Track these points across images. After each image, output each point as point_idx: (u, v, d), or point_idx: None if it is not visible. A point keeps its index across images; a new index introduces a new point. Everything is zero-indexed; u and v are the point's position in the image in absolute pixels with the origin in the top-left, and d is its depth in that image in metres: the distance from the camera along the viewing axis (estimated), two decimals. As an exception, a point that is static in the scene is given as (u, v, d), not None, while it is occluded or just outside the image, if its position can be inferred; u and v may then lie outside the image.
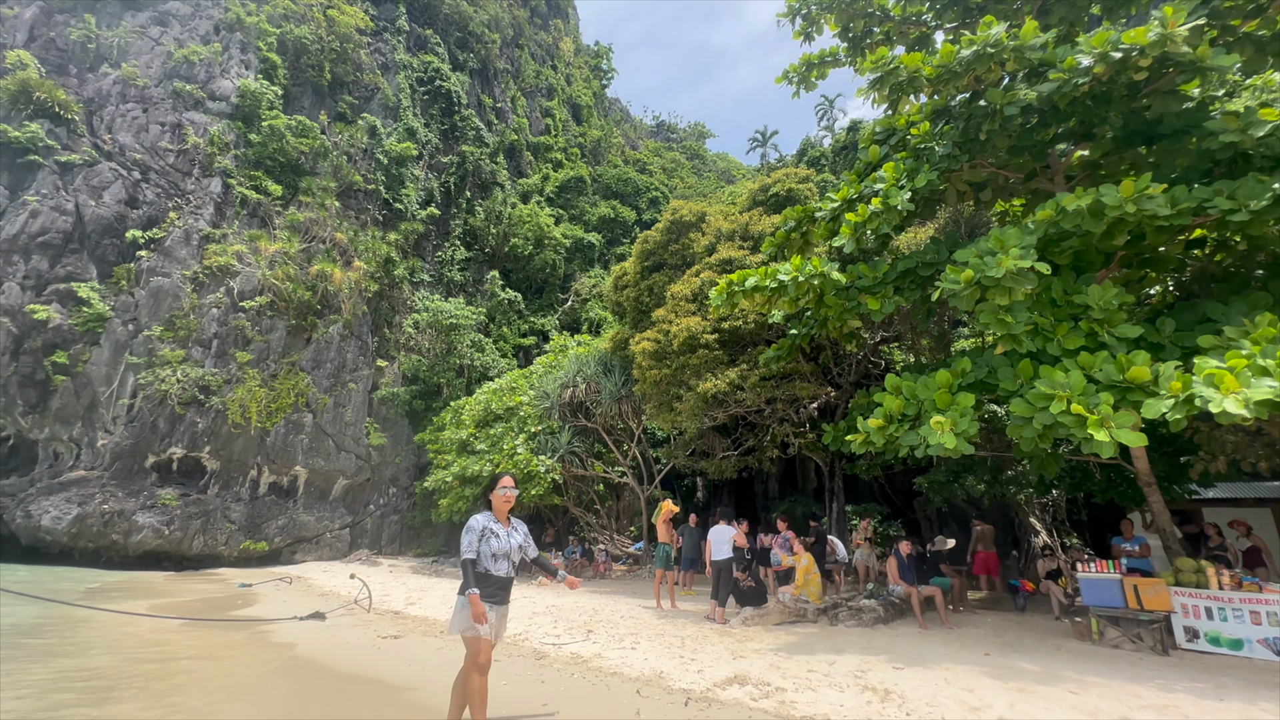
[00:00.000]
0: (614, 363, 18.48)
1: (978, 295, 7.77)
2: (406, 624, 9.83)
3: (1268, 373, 5.91)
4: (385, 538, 26.86)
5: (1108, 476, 11.31)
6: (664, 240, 17.57)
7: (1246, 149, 7.80)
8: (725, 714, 4.98)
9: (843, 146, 32.01)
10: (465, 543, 4.17)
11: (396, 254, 30.51)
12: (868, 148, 10.89)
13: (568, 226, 40.18)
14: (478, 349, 30.14)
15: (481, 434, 20.48)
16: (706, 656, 6.90)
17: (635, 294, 17.62)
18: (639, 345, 14.90)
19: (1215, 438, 9.55)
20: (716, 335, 13.37)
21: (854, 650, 7.11)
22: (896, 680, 5.76)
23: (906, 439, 8.26)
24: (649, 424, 18.61)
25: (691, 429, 14.66)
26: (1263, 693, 5.44)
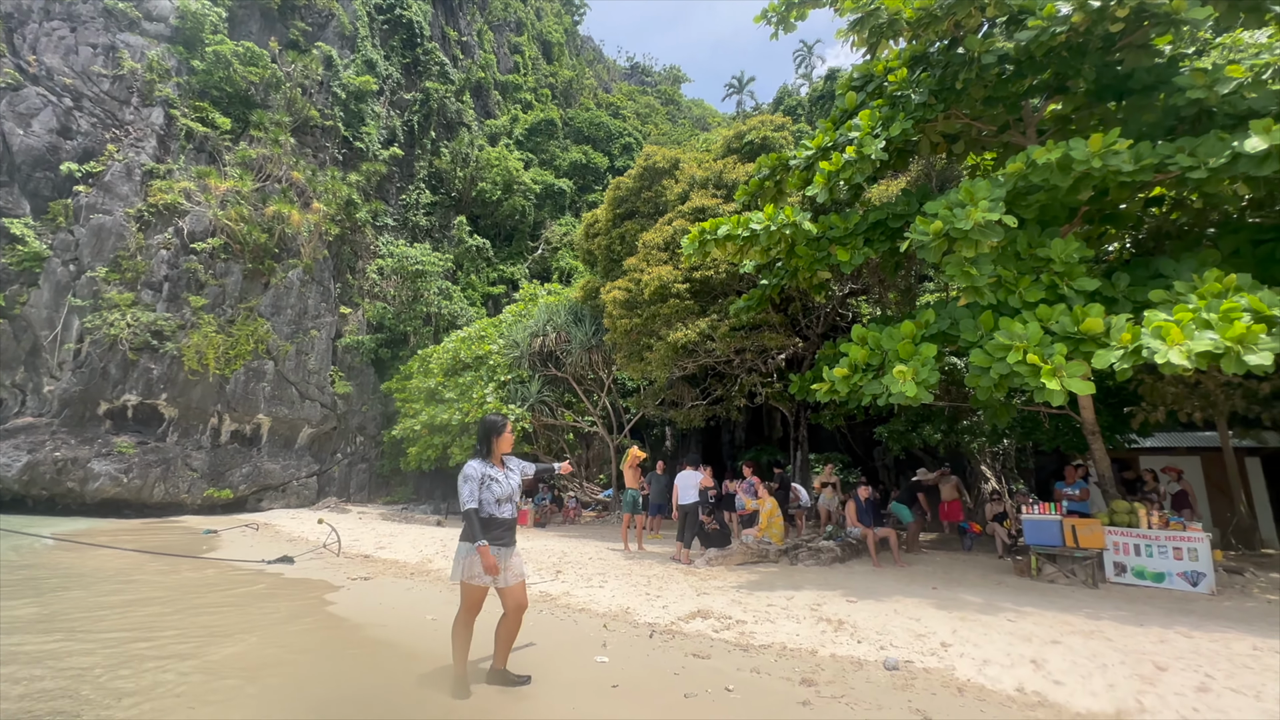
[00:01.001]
0: (584, 312, 18.34)
1: (945, 247, 7.86)
2: (376, 566, 9.93)
3: (1210, 326, 6.18)
4: (354, 486, 26.80)
5: (1055, 426, 11.87)
6: (636, 187, 17.19)
7: (1211, 106, 7.91)
8: (688, 645, 5.21)
9: (820, 96, 31.42)
10: (466, 492, 4.03)
11: (358, 196, 29.24)
12: (844, 94, 10.71)
13: (538, 171, 38.95)
14: (445, 297, 29.51)
15: (450, 383, 20.30)
16: (671, 594, 7.16)
17: (606, 242, 17.34)
18: (610, 294, 14.76)
19: (1157, 389, 10.05)
20: (688, 285, 13.31)
21: (811, 586, 7.47)
22: (850, 612, 6.09)
23: (870, 388, 8.47)
24: (619, 374, 18.69)
25: (661, 379, 14.77)
26: (1178, 618, 5.94)
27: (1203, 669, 4.38)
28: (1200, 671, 4.34)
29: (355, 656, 4.90)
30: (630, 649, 5.10)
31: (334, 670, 4.55)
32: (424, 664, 4.59)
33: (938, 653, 4.84)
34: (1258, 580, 7.89)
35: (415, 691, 4.03)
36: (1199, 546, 7.56)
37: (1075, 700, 3.92)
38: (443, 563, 10.08)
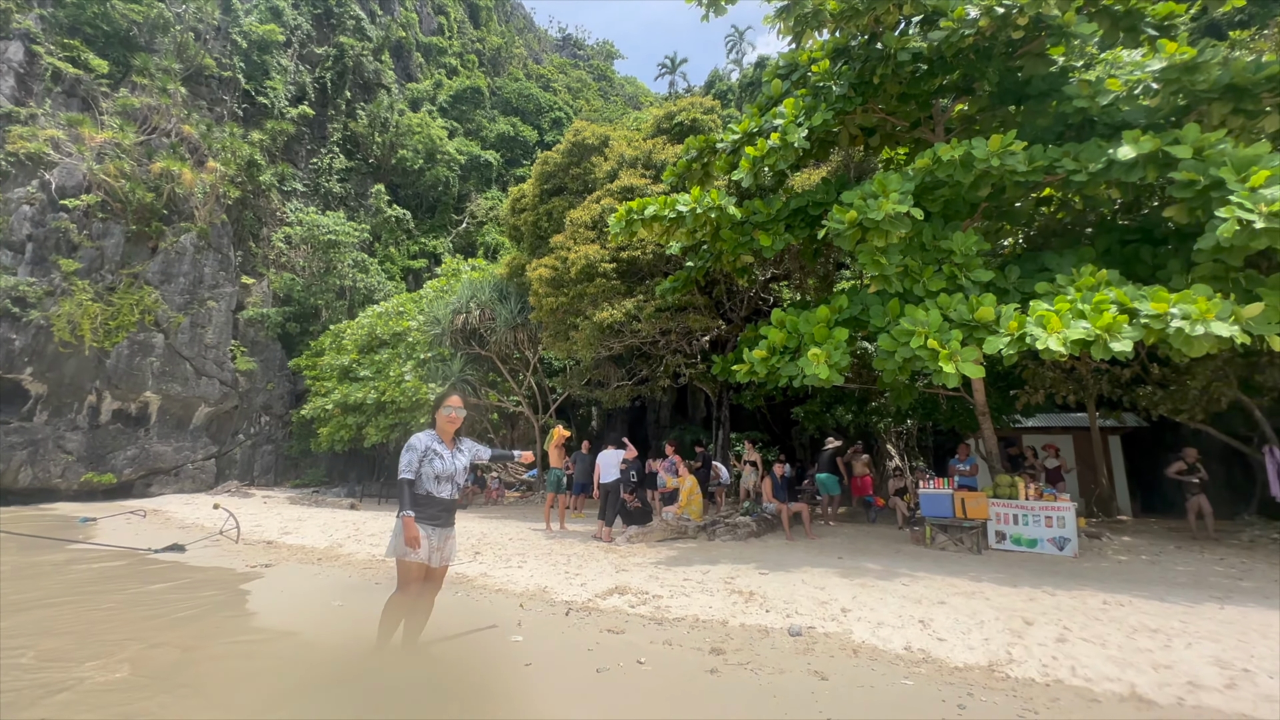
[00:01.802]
0: (510, 289, 17.90)
1: (859, 236, 8.22)
2: (280, 553, 9.39)
3: (1083, 316, 6.82)
4: (258, 468, 25.14)
5: (952, 407, 12.81)
6: (565, 163, 16.86)
7: (1094, 115, 8.64)
8: (604, 621, 5.27)
9: (750, 82, 31.86)
10: (404, 461, 3.90)
11: (262, 156, 26.98)
12: (770, 82, 10.89)
13: (463, 141, 37.38)
14: (361, 269, 27.93)
15: (365, 360, 19.33)
16: (590, 571, 7.21)
17: (534, 218, 16.95)
18: (536, 272, 14.48)
19: (1038, 374, 11.03)
20: (615, 265, 13.26)
21: (727, 560, 7.74)
22: (761, 584, 6.36)
23: (787, 369, 8.78)
24: (545, 353, 18.45)
25: (587, 358, 14.70)
26: (1046, 579, 6.61)
27: (1062, 622, 4.90)
28: (1060, 624, 4.85)
29: (246, 649, 4.61)
30: (546, 627, 5.09)
31: (214, 670, 4.25)
32: (321, 652, 4.39)
33: (838, 618, 5.14)
34: (1112, 544, 8.90)
35: (303, 680, 3.85)
36: (1066, 515, 8.42)
37: (955, 655, 4.29)
38: (354, 546, 9.67)
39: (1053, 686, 3.74)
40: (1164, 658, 4.18)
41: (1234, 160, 6.79)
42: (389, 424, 17.49)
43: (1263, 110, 7.59)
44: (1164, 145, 7.23)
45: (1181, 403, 10.07)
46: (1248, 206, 6.37)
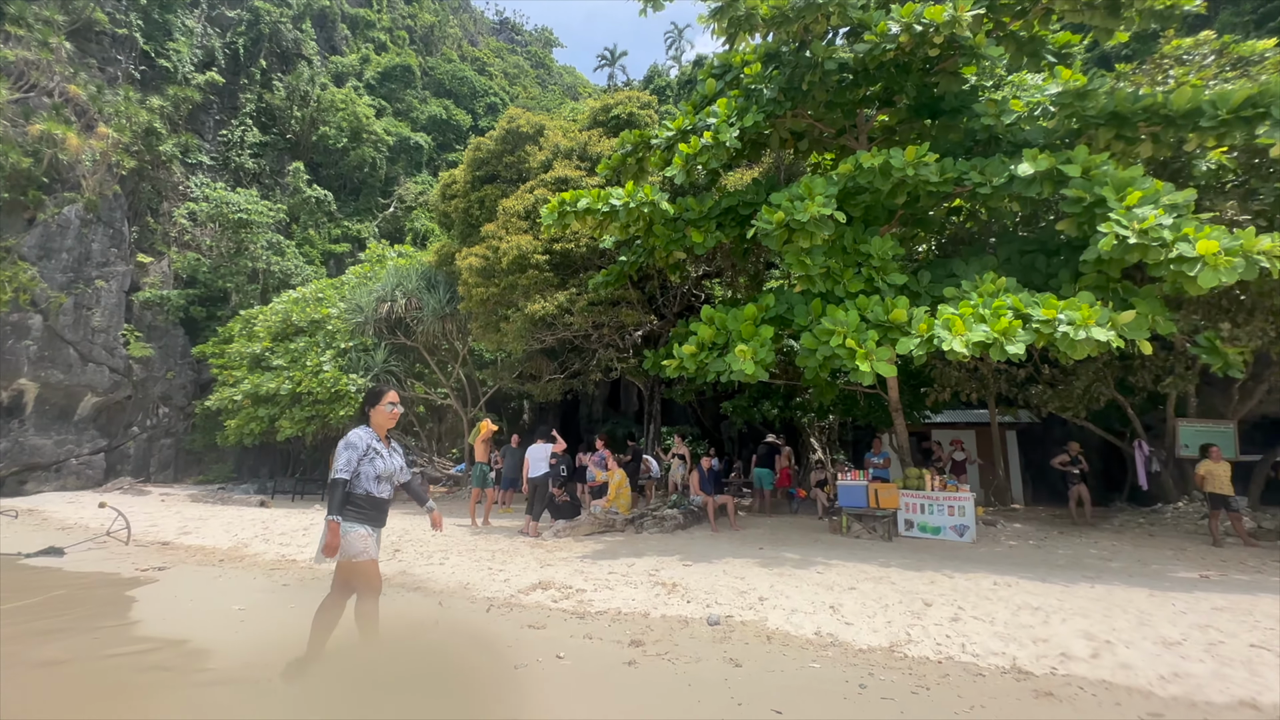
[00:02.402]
0: (439, 278, 17.32)
1: (786, 236, 8.47)
2: (176, 554, 8.71)
3: (984, 320, 7.34)
4: (155, 464, 23.19)
5: (869, 404, 13.49)
6: (499, 150, 16.45)
7: (999, 133, 9.29)
8: (526, 616, 5.21)
9: (688, 80, 32.17)
10: (343, 460, 3.59)
11: (162, 125, 24.77)
12: (705, 81, 11.04)
13: (392, 122, 35.75)
14: (276, 252, 26.22)
15: (279, 348, 18.19)
16: (514, 567, 7.11)
17: (465, 205, 16.45)
18: (466, 261, 14.08)
19: (945, 373, 11.78)
20: (548, 256, 13.08)
21: (653, 553, 7.83)
22: (684, 575, 6.48)
23: (715, 365, 8.96)
24: (475, 344, 18.00)
25: (518, 350, 14.46)
26: (947, 563, 7.09)
27: (957, 603, 5.28)
28: (955, 605, 5.22)
29: (122, 662, 4.25)
30: (463, 623, 4.98)
31: (74, 687, 3.89)
32: (219, 660, 4.11)
33: (755, 606, 5.31)
34: (1005, 530, 9.66)
35: (188, 696, 3.59)
36: (966, 505, 9.07)
37: (860, 637, 4.53)
38: (262, 546, 9.10)
39: (944, 663, 4.02)
40: (1042, 632, 4.58)
41: (1114, 181, 7.48)
42: (305, 416, 16.55)
43: (1139, 137, 8.39)
44: (1058, 164, 7.86)
45: (1067, 401, 11.04)
46: (1124, 223, 7.03)
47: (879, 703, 3.42)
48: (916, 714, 3.28)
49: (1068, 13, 9.16)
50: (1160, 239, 6.77)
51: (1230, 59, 9.97)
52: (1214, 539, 8.59)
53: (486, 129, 36.07)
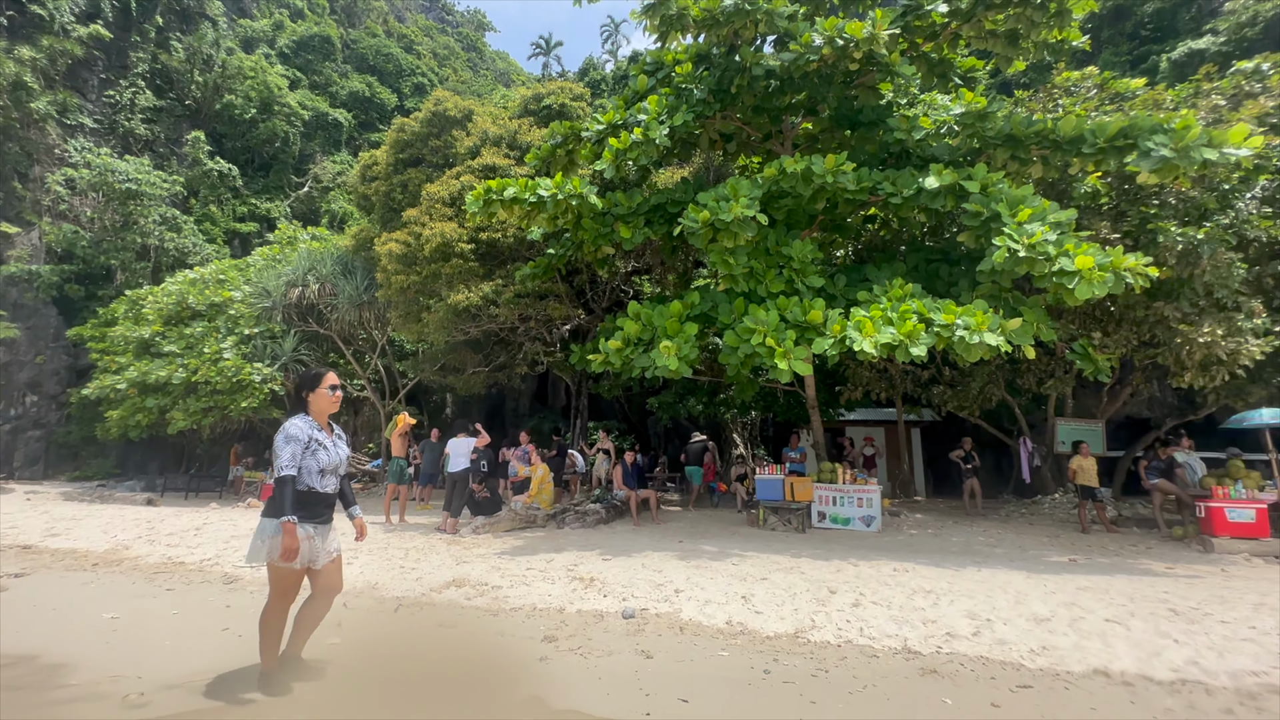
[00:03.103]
0: (356, 264, 16.44)
1: (711, 235, 8.64)
2: (40, 559, 7.81)
3: (891, 323, 7.78)
4: (20, 459, 20.76)
5: (788, 401, 14.01)
6: (424, 133, 15.80)
7: (910, 147, 9.86)
8: (437, 615, 5.05)
9: (623, 75, 32.14)
10: (286, 455, 3.31)
11: (34, 79, 22.10)
12: (637, 76, 11.06)
13: (308, 95, 33.57)
14: (171, 228, 24.03)
15: (172, 333, 16.69)
16: (428, 565, 6.88)
17: (386, 188, 15.71)
18: (386, 247, 13.45)
19: (858, 373, 12.40)
20: (473, 245, 12.70)
21: (573, 548, 7.79)
22: (603, 570, 6.49)
23: (640, 361, 9.02)
24: (394, 334, 17.25)
25: (440, 342, 13.98)
26: (854, 551, 7.49)
27: (859, 589, 5.58)
28: (857, 592, 5.51)
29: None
30: (369, 627, 4.76)
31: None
32: (81, 674, 3.72)
33: (670, 599, 5.40)
34: (908, 520, 10.30)
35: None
36: (873, 496, 9.60)
37: (768, 625, 4.70)
38: (145, 548, 8.33)
39: (843, 646, 4.24)
40: (932, 614, 4.91)
41: (1008, 198, 8.11)
42: (201, 407, 15.26)
43: (1031, 159, 9.14)
44: (960, 180, 8.44)
45: (964, 400, 11.91)
46: (1015, 238, 7.65)
47: (780, 687, 3.55)
48: (815, 695, 3.44)
49: (973, 39, 9.86)
50: (1046, 254, 7.41)
51: (1109, 94, 11.04)
52: (1082, 526, 9.54)
53: (413, 110, 34.56)
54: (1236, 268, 8.68)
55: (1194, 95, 10.60)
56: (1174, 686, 3.65)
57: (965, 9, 9.28)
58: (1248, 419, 9.05)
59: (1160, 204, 9.43)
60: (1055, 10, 9.12)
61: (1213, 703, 3.45)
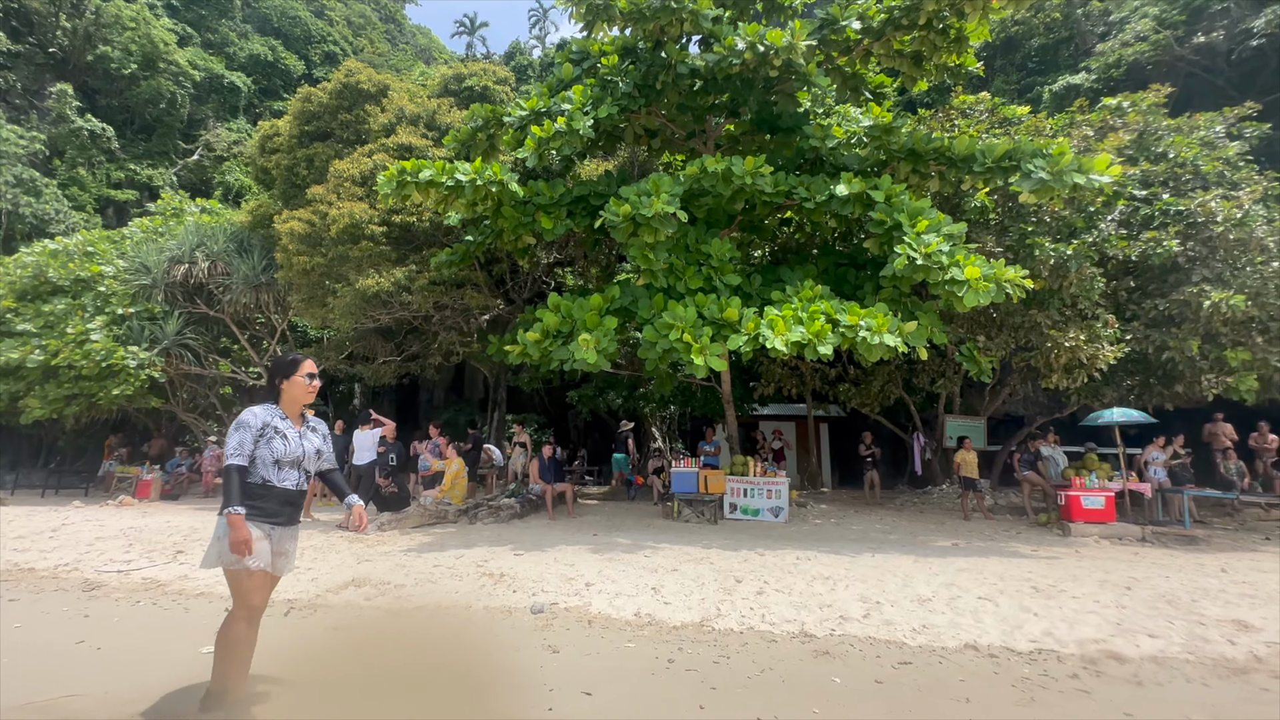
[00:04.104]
0: (254, 241, 15.20)
1: (631, 230, 8.66)
2: None
3: (801, 322, 8.12)
4: None
5: (705, 396, 14.35)
6: (334, 105, 14.81)
7: (823, 154, 10.32)
8: (331, 618, 4.78)
9: (551, 62, 31.56)
10: (234, 443, 2.98)
11: None
12: (563, 64, 10.89)
13: (200, 54, 30.59)
14: (29, 191, 21.20)
15: (27, 309, 14.76)
16: (326, 565, 6.50)
17: (289, 162, 14.61)
18: (288, 225, 12.52)
19: (771, 369, 12.88)
20: (385, 228, 12.06)
21: (484, 544, 7.61)
22: (514, 565, 6.38)
23: (558, 353, 8.93)
24: (296, 319, 16.13)
25: (347, 328, 13.20)
26: (761, 542, 7.79)
27: (763, 578, 5.81)
28: (761, 580, 5.74)
29: None
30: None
31: None
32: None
33: (581, 592, 5.39)
34: (813, 511, 10.83)
35: None
36: (781, 488, 10.03)
37: (675, 616, 4.79)
38: (-15, 555, 7.33)
39: (745, 634, 4.40)
40: (829, 599, 5.19)
41: (909, 209, 8.67)
42: (63, 394, 13.60)
43: (930, 174, 9.81)
44: (867, 189, 8.93)
45: (866, 397, 12.66)
46: (914, 247, 8.19)
47: (683, 675, 3.64)
48: (716, 682, 3.54)
49: (883, 58, 10.44)
50: (940, 263, 7.98)
51: (999, 118, 12.03)
52: (964, 514, 10.41)
53: (322, 80, 32.32)
54: (1097, 281, 9.73)
55: (1069, 125, 11.76)
56: (1031, 656, 4.06)
57: (876, 28, 9.80)
58: (1101, 417, 10.19)
59: (1037, 222, 10.40)
60: (954, 36, 9.83)
61: (1062, 668, 3.86)
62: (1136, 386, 10.57)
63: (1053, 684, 3.61)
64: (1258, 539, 9.07)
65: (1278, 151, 15.00)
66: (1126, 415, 9.88)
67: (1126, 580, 6.06)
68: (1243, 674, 3.83)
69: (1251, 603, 5.29)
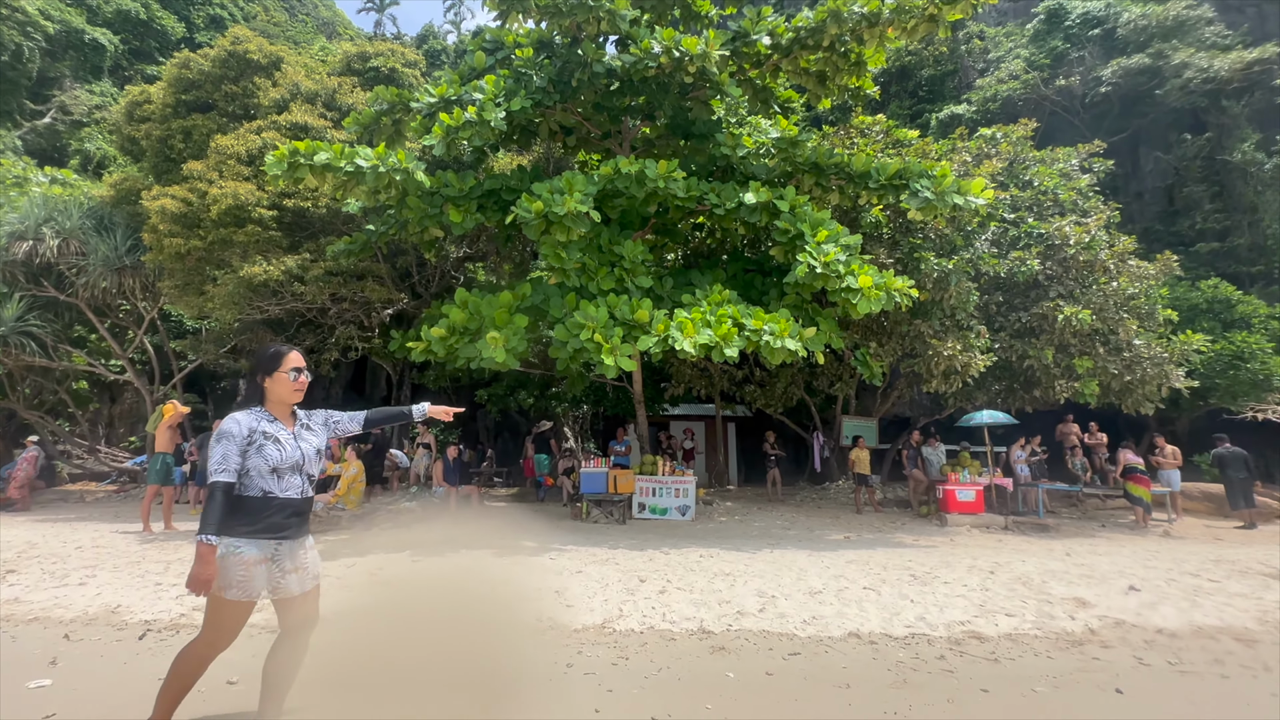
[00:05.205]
0: (117, 219, 13.60)
1: (544, 227, 8.53)
2: None
3: (710, 325, 8.33)
4: None
5: (617, 395, 14.42)
6: (218, 74, 13.56)
7: (734, 163, 10.65)
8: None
9: (466, 49, 30.52)
10: (216, 456, 2.56)
11: None
12: (475, 52, 10.55)
13: (55, 3, 26.94)
14: None
15: None
16: (196, 579, 5.89)
17: (163, 133, 13.23)
18: (159, 202, 11.31)
19: (681, 370, 13.14)
20: (276, 212, 11.17)
21: (380, 550, 7.20)
22: (410, 572, 6.09)
23: (465, 351, 8.65)
24: (170, 308, 14.59)
25: (229, 319, 12.11)
26: (667, 540, 7.91)
27: (666, 576, 5.90)
28: (665, 579, 5.82)
29: None
30: (100, 661, 3.93)
31: None
32: None
33: (482, 598, 5.22)
34: (719, 508, 11.15)
35: None
36: (689, 487, 10.25)
37: (578, 618, 4.75)
38: None
39: (645, 633, 4.44)
40: (728, 595, 5.35)
41: (810, 220, 9.12)
42: None
43: (831, 187, 10.38)
44: (773, 198, 9.30)
45: (771, 399, 13.21)
46: (814, 256, 8.63)
47: (581, 679, 3.61)
48: (613, 684, 3.54)
49: (791, 74, 10.91)
50: (837, 271, 8.46)
51: (892, 139, 12.92)
52: (857, 508, 11.11)
53: (206, 46, 29.45)
54: (973, 295, 10.70)
55: (951, 150, 12.85)
56: (906, 640, 4.37)
57: (785, 45, 10.23)
58: (973, 418, 11.22)
59: (923, 237, 11.28)
60: (855, 60, 10.45)
61: (931, 650, 4.19)
62: (1003, 391, 11.72)
63: (922, 666, 3.91)
64: (1096, 526, 10.34)
65: (1119, 185, 17.20)
66: (994, 417, 10.93)
67: (990, 565, 6.69)
68: (1079, 645, 4.33)
69: (1089, 582, 5.99)
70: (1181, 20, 16.94)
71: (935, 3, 8.93)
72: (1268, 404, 12.53)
